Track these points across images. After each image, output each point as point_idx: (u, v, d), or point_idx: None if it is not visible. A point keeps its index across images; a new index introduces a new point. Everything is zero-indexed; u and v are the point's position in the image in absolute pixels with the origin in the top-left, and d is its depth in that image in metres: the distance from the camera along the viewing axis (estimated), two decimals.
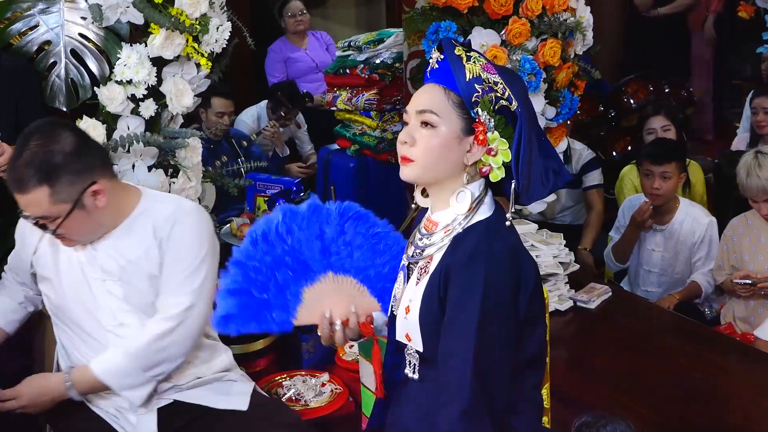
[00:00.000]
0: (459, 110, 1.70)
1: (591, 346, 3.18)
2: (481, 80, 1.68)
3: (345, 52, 4.61)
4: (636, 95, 5.57)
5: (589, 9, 3.21)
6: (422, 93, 1.75)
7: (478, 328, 1.62)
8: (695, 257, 3.77)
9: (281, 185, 4.32)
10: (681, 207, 3.84)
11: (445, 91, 1.71)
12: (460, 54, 1.70)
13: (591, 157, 4.43)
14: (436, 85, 1.73)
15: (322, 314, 1.86)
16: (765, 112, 4.51)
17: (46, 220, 2.11)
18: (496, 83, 1.69)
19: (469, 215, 1.72)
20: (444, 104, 1.70)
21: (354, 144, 4.59)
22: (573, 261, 3.44)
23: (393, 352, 1.86)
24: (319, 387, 2.77)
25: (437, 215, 1.77)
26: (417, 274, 1.77)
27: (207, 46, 2.73)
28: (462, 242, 1.69)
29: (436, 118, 1.70)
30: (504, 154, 1.70)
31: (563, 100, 3.17)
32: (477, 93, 1.68)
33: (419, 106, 1.73)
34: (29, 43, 2.70)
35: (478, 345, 1.62)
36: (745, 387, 2.88)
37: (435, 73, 1.73)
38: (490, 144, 1.70)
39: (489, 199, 1.76)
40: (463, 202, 1.72)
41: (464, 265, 1.65)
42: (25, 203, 2.09)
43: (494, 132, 1.70)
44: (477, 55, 1.72)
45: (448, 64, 1.70)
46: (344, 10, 7.45)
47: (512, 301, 1.66)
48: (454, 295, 1.66)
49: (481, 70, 1.69)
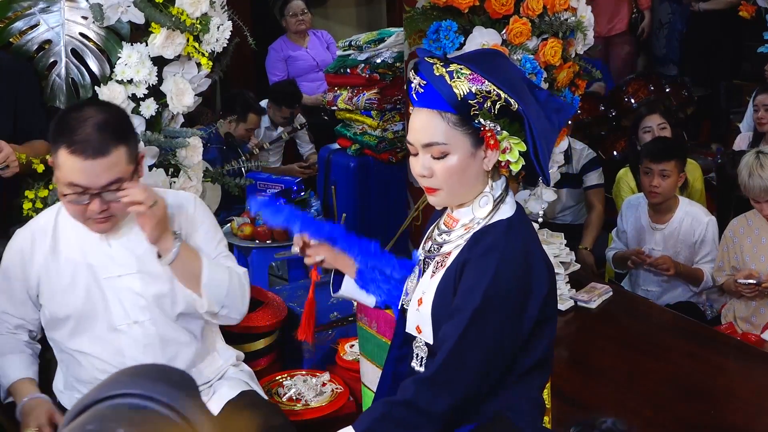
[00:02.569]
0: (462, 128, 1.67)
1: (591, 346, 3.18)
2: (473, 95, 1.64)
3: (346, 51, 4.61)
4: (636, 95, 5.57)
5: (590, 9, 3.21)
6: (420, 123, 1.70)
7: (474, 312, 1.63)
8: (698, 256, 3.77)
9: (282, 185, 4.33)
10: (680, 206, 3.84)
11: (441, 115, 1.67)
12: (441, 74, 1.65)
13: (591, 156, 4.42)
14: (430, 111, 1.67)
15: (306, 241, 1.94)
16: (766, 109, 4.51)
17: (118, 184, 2.08)
18: (489, 91, 1.65)
19: (491, 214, 1.73)
20: (446, 130, 1.67)
21: (355, 143, 4.59)
22: (574, 260, 3.44)
23: (399, 345, 1.87)
24: (320, 387, 2.77)
25: (458, 212, 1.78)
26: (432, 267, 1.78)
27: (208, 45, 2.72)
28: (481, 240, 1.70)
29: (445, 147, 1.67)
30: (518, 146, 1.70)
31: (564, 99, 3.17)
32: (474, 108, 1.65)
33: (423, 139, 1.69)
34: (29, 42, 2.70)
35: (467, 326, 1.63)
36: (745, 387, 2.88)
37: (423, 98, 1.68)
38: (502, 144, 1.69)
39: (510, 199, 1.76)
40: (486, 206, 1.73)
41: (479, 258, 1.67)
42: (103, 168, 2.05)
43: (502, 132, 1.69)
44: (457, 68, 1.66)
45: (434, 88, 1.66)
46: (345, 10, 7.45)
47: (519, 302, 1.67)
48: (464, 285, 1.67)
49: (469, 83, 1.64)
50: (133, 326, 2.22)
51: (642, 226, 3.90)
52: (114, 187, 2.08)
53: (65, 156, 2.04)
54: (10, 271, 2.29)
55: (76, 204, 2.10)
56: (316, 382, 2.79)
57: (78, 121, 2.05)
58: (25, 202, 2.70)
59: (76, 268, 2.22)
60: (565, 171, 4.13)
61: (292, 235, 1.97)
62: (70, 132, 2.04)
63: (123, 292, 2.22)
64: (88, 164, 2.03)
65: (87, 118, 2.05)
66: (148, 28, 2.64)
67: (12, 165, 2.49)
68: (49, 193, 2.70)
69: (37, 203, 2.71)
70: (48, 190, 2.71)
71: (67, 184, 2.07)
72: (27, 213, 2.72)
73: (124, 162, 2.08)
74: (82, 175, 2.05)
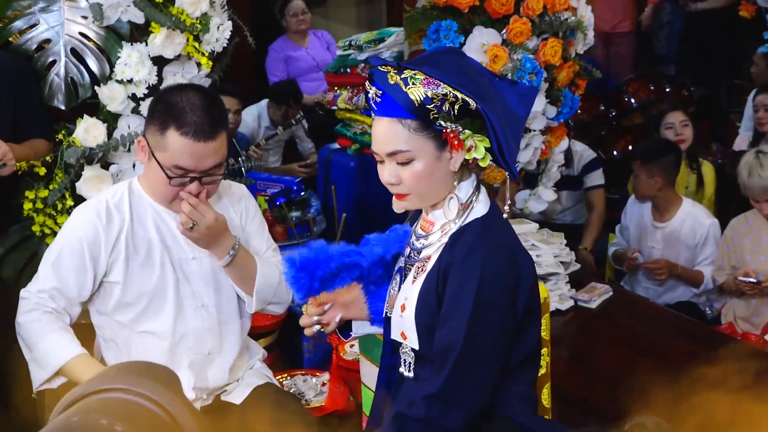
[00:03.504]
0: (424, 132, 1.67)
1: (592, 346, 3.17)
2: (429, 99, 1.63)
3: (346, 51, 4.60)
4: (637, 95, 5.58)
5: (590, 8, 3.21)
6: (382, 132, 1.70)
7: (469, 321, 1.62)
8: (700, 257, 3.77)
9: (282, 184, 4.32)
10: (683, 207, 3.85)
11: (401, 122, 1.67)
12: (396, 81, 1.65)
13: (592, 157, 4.43)
14: (391, 119, 1.67)
15: (316, 311, 1.91)
16: (766, 109, 4.51)
17: (219, 168, 2.13)
18: (445, 94, 1.63)
19: (464, 213, 1.72)
20: (408, 137, 1.67)
21: (355, 143, 4.59)
22: (574, 260, 3.44)
23: (389, 354, 1.86)
24: (320, 386, 2.77)
25: (433, 215, 1.77)
26: (413, 273, 1.77)
27: (208, 45, 2.72)
28: (459, 240, 1.70)
29: (409, 153, 1.68)
30: (483, 142, 1.68)
31: (564, 99, 3.17)
32: (432, 112, 1.64)
33: (387, 148, 1.69)
34: (29, 41, 2.70)
35: (467, 337, 1.62)
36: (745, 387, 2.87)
37: (382, 107, 1.68)
38: (466, 143, 1.68)
39: (483, 197, 1.76)
40: (454, 209, 1.73)
41: (461, 261, 1.66)
42: (210, 151, 2.08)
43: (465, 132, 1.68)
44: (411, 73, 1.65)
45: (390, 96, 1.65)
46: (345, 9, 7.45)
47: (510, 298, 1.67)
48: (451, 290, 1.66)
49: (424, 88, 1.63)
50: (199, 309, 2.23)
51: (644, 223, 3.93)
52: (215, 171, 2.12)
53: (175, 137, 2.06)
54: (76, 247, 2.16)
55: (178, 186, 2.11)
56: (316, 382, 2.79)
57: (187, 104, 2.07)
58: (26, 202, 2.71)
59: (152, 247, 2.20)
60: (566, 173, 4.13)
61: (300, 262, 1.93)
62: (181, 114, 2.06)
63: (193, 276, 2.23)
64: (199, 147, 2.06)
65: (195, 101, 2.08)
66: (148, 27, 2.64)
67: (9, 163, 2.49)
68: (49, 193, 2.70)
69: (38, 203, 2.71)
70: (48, 190, 2.71)
71: (173, 167, 2.09)
72: (27, 213, 2.73)
73: (225, 147, 2.12)
74: (191, 158, 2.07)
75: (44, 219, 2.73)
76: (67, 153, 2.66)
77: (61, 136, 2.72)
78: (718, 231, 3.76)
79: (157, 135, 2.08)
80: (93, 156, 2.69)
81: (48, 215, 2.73)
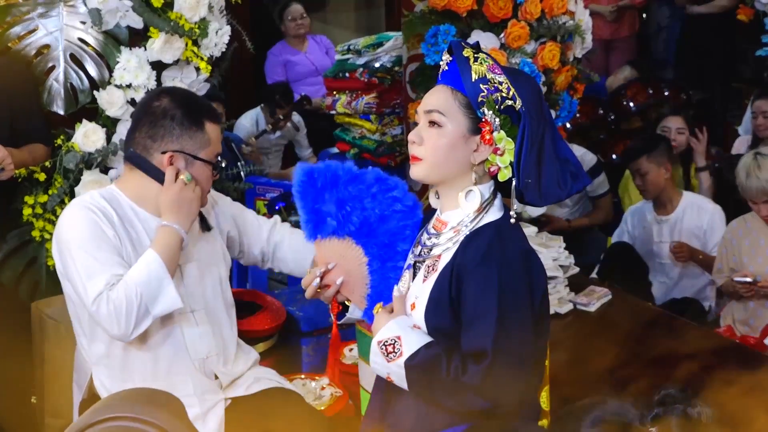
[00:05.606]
0: (465, 110, 1.73)
1: (591, 349, 3.17)
2: (486, 80, 1.71)
3: (344, 55, 4.61)
4: (635, 98, 5.59)
5: (588, 12, 3.22)
6: (431, 94, 1.78)
7: (497, 325, 1.63)
8: (711, 244, 3.82)
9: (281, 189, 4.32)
10: (684, 197, 3.96)
11: (452, 91, 1.74)
12: (468, 55, 1.73)
13: (594, 162, 4.44)
14: (445, 86, 1.76)
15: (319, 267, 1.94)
16: (765, 116, 4.52)
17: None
18: (501, 83, 1.71)
19: (478, 216, 1.74)
20: (450, 104, 1.73)
21: (353, 147, 4.59)
22: (573, 264, 3.44)
23: None
24: (319, 390, 2.77)
25: (447, 215, 1.79)
26: (424, 272, 1.78)
27: (206, 49, 2.73)
28: (472, 243, 1.71)
29: (443, 117, 1.73)
30: (511, 153, 1.72)
31: (562, 103, 3.18)
32: (482, 93, 1.71)
33: (427, 106, 1.76)
34: (28, 46, 2.70)
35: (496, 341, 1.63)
36: (744, 389, 2.88)
37: (445, 75, 1.77)
38: (497, 144, 1.72)
39: (498, 202, 1.78)
40: (472, 201, 1.74)
41: (477, 265, 1.67)
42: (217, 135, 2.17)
43: (500, 131, 1.72)
44: (485, 57, 1.75)
45: (457, 65, 1.73)
46: (344, 14, 7.46)
47: (528, 304, 1.68)
48: (470, 294, 1.68)
49: (487, 70, 1.72)
50: (189, 315, 2.20)
51: (647, 223, 3.99)
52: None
53: (212, 128, 2.12)
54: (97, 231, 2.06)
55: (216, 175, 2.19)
56: (315, 386, 2.79)
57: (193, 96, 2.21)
58: (25, 207, 2.71)
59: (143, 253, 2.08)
60: None
61: None
62: (207, 106, 2.15)
63: (182, 282, 2.19)
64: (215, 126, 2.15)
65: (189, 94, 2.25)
66: (147, 32, 2.64)
67: (8, 168, 2.49)
68: (48, 198, 2.71)
69: (37, 208, 2.71)
70: (47, 195, 2.71)
71: (216, 155, 2.14)
72: (26, 218, 2.73)
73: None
74: (219, 140, 2.16)
75: (44, 224, 2.73)
76: (66, 158, 2.67)
77: (60, 141, 2.73)
78: (722, 215, 3.83)
79: (197, 135, 2.10)
80: (92, 161, 2.69)
81: (47, 220, 2.73)
